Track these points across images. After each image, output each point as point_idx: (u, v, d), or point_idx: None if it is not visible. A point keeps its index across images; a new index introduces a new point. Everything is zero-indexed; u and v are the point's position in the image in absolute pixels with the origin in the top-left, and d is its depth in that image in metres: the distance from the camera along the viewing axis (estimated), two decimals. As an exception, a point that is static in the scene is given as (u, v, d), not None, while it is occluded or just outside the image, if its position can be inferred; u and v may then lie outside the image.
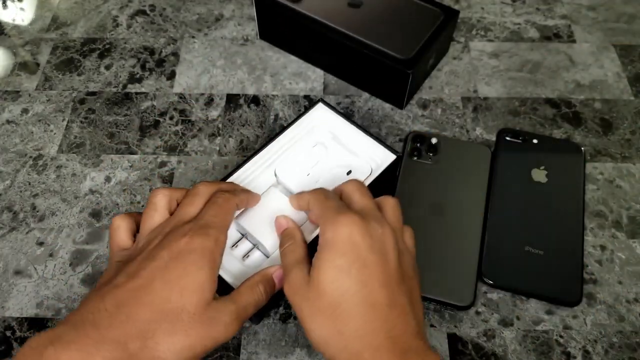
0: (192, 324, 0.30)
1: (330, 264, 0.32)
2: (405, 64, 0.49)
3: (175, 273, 0.31)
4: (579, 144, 0.49)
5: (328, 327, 0.31)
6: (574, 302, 0.41)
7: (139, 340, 0.29)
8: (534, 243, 0.43)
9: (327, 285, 0.31)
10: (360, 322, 0.31)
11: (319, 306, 0.31)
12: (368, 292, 0.31)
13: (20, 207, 0.48)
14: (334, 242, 0.32)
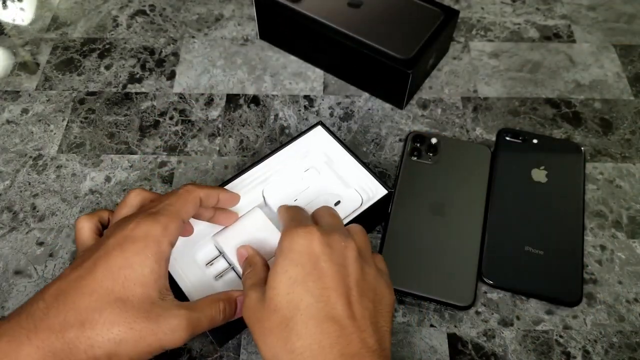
0: (136, 318, 0.29)
1: (284, 275, 0.30)
2: (405, 64, 0.49)
3: (117, 262, 0.30)
4: (579, 144, 0.49)
5: (279, 346, 0.29)
6: (574, 302, 0.41)
7: (77, 329, 0.28)
8: (534, 243, 0.43)
9: (279, 299, 0.30)
10: (312, 338, 0.28)
11: (270, 325, 0.29)
12: (323, 305, 0.29)
13: (20, 207, 0.48)
14: (289, 251, 0.31)
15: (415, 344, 0.40)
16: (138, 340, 0.29)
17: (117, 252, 0.30)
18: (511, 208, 0.45)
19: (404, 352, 0.40)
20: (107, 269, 0.30)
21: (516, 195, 0.46)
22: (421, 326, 0.41)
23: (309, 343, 0.28)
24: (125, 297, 0.29)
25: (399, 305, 0.42)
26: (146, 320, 0.29)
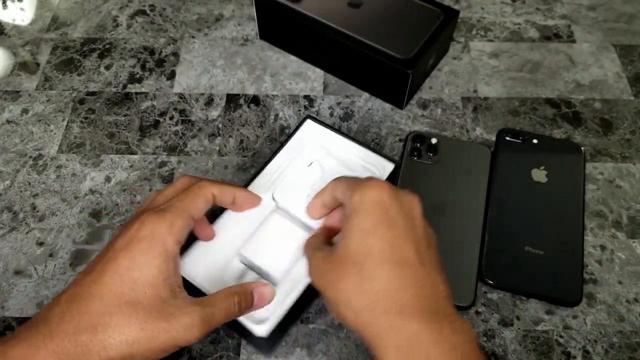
0: (148, 318, 0.29)
1: (357, 227, 0.31)
2: (405, 64, 0.49)
3: (124, 264, 0.30)
4: (578, 144, 0.49)
5: (352, 289, 0.30)
6: (574, 302, 0.41)
7: (89, 333, 0.28)
8: (534, 243, 0.43)
9: (353, 247, 0.31)
10: (387, 279, 0.29)
11: (342, 272, 0.30)
12: (396, 250, 0.30)
13: (20, 207, 0.48)
14: (361, 204, 0.32)
15: (415, 344, 0.40)
16: (150, 340, 0.29)
17: (124, 254, 0.30)
18: (511, 208, 0.45)
19: (404, 352, 0.40)
20: (115, 271, 0.30)
21: (516, 196, 0.46)
22: (421, 326, 0.41)
23: (384, 283, 0.29)
24: (136, 299, 0.29)
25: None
26: (158, 319, 0.29)
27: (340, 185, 0.36)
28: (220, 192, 0.36)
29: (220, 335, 0.41)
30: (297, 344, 0.40)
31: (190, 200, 0.33)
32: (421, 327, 0.28)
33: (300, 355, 0.40)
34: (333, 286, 0.31)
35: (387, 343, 0.28)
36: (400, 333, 0.28)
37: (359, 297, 0.29)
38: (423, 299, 0.29)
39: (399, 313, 0.28)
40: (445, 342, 0.28)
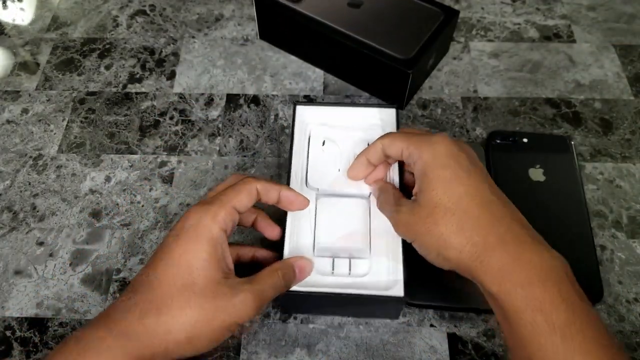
0: (205, 298, 0.31)
1: (439, 178, 0.34)
2: (405, 64, 0.49)
3: (177, 251, 0.33)
4: (566, 136, 0.49)
5: (449, 231, 0.32)
6: (598, 298, 0.41)
7: (154, 316, 0.31)
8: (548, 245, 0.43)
9: (439, 197, 0.33)
10: (479, 216, 0.32)
11: (435, 218, 0.33)
12: (479, 192, 0.33)
13: (20, 207, 0.48)
14: (434, 158, 0.34)
15: (415, 344, 0.40)
16: (211, 319, 0.31)
17: (176, 243, 0.33)
18: None
19: (404, 352, 0.40)
20: (170, 259, 0.32)
21: (520, 198, 0.45)
22: (421, 326, 0.41)
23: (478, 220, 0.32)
24: (192, 282, 0.32)
25: (399, 305, 0.42)
26: (215, 299, 0.32)
27: (397, 143, 0.37)
28: (264, 188, 0.37)
29: (220, 335, 0.41)
30: (297, 344, 0.40)
31: (234, 194, 0.35)
32: (520, 250, 0.31)
33: (300, 355, 0.40)
34: (429, 233, 0.33)
35: (489, 268, 0.31)
36: (502, 258, 0.31)
37: (458, 237, 0.32)
38: (517, 228, 0.32)
39: (498, 243, 0.31)
40: (544, 265, 0.31)
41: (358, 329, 0.41)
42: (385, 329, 0.41)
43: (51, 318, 0.42)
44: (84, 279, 0.44)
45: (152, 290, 0.32)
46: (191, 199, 0.48)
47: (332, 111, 0.46)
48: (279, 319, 0.42)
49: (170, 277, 0.32)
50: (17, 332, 0.41)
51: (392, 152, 0.38)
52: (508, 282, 0.30)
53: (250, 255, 0.41)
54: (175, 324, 0.31)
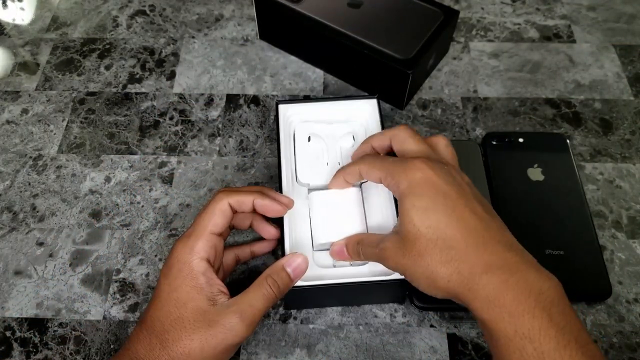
0: (194, 330, 0.34)
1: (414, 210, 0.33)
2: (405, 64, 0.49)
3: (166, 289, 0.35)
4: (561, 133, 0.50)
5: (433, 262, 0.32)
6: (606, 294, 0.41)
7: (160, 349, 0.34)
8: (552, 244, 0.43)
9: (418, 229, 0.33)
10: (463, 245, 0.32)
11: (418, 251, 0.32)
12: (460, 218, 0.32)
13: (20, 207, 0.48)
14: (411, 187, 0.34)
15: (415, 344, 0.40)
16: (202, 347, 0.33)
17: (164, 280, 0.36)
18: (519, 214, 0.45)
19: (404, 353, 0.40)
20: (161, 297, 0.35)
21: (520, 200, 0.46)
22: (421, 326, 0.41)
23: (462, 249, 0.32)
24: (181, 316, 0.34)
25: (398, 306, 0.42)
26: (202, 329, 0.34)
27: (375, 171, 0.37)
28: (236, 201, 0.38)
29: (220, 336, 0.41)
30: (297, 344, 0.40)
31: (208, 219, 0.37)
32: (507, 274, 0.31)
33: (300, 355, 0.40)
34: (416, 264, 0.33)
35: (478, 295, 0.31)
36: (488, 285, 0.30)
37: (444, 267, 0.32)
38: (503, 251, 0.32)
39: (484, 270, 0.31)
40: (532, 288, 0.30)
41: (358, 330, 0.41)
42: (385, 329, 0.41)
43: (51, 318, 0.42)
44: (83, 279, 0.44)
45: (154, 326, 0.34)
46: (191, 199, 0.48)
47: (314, 107, 0.47)
48: (278, 320, 0.42)
49: (164, 313, 0.34)
50: (17, 332, 0.41)
51: (371, 178, 0.38)
52: (496, 308, 0.30)
53: (248, 253, 0.43)
54: (174, 355, 0.33)
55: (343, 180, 0.40)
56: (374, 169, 0.37)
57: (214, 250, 0.37)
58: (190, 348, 0.33)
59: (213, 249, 0.37)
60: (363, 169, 0.38)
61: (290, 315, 0.42)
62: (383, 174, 0.36)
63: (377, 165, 0.37)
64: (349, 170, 0.39)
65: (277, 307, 0.42)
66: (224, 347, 0.34)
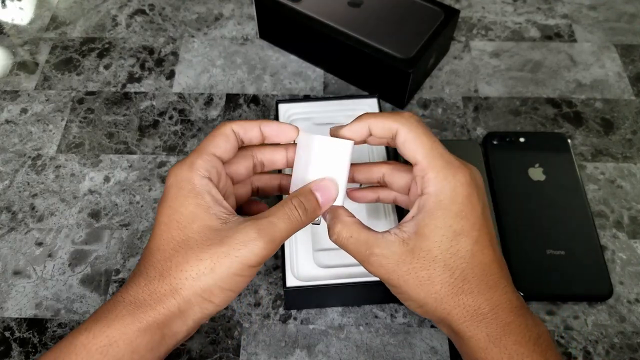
0: (202, 249, 0.30)
1: (449, 230, 0.30)
2: (405, 64, 0.49)
3: (166, 213, 0.31)
4: (562, 133, 0.49)
5: (442, 290, 0.30)
6: (607, 294, 0.41)
7: (157, 280, 0.30)
8: (553, 244, 0.43)
9: (441, 251, 0.30)
10: (477, 279, 0.30)
11: (430, 273, 0.30)
12: (484, 253, 0.31)
13: (19, 207, 0.47)
14: (452, 203, 0.30)
15: (416, 345, 0.40)
16: (213, 267, 0.29)
17: (162, 205, 0.32)
18: (521, 214, 0.45)
19: (404, 353, 0.40)
20: (161, 223, 0.31)
21: (522, 200, 0.46)
22: (422, 327, 0.41)
23: (475, 287, 0.30)
24: (186, 237, 0.30)
25: (399, 306, 0.42)
26: (212, 246, 0.29)
27: (420, 148, 0.32)
28: (240, 127, 0.34)
29: (220, 336, 0.41)
30: (297, 344, 0.40)
31: (208, 141, 0.33)
32: (510, 317, 0.30)
33: (300, 355, 0.40)
34: (420, 286, 0.30)
35: (477, 333, 0.30)
36: (491, 326, 0.30)
37: (452, 298, 0.30)
38: (509, 293, 0.31)
39: (490, 309, 0.30)
40: (531, 332, 0.30)
41: (358, 330, 0.41)
42: (385, 329, 0.41)
43: (50, 319, 0.42)
44: (83, 279, 0.44)
45: (153, 256, 0.31)
46: (191, 199, 0.48)
47: (314, 106, 0.47)
48: (278, 320, 0.41)
49: (165, 239, 0.31)
50: (16, 332, 0.41)
51: (406, 153, 0.32)
52: (496, 349, 0.29)
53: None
54: (179, 283, 0.29)
55: (367, 129, 0.34)
56: (419, 146, 0.32)
57: (216, 171, 0.33)
58: (198, 270, 0.29)
59: (214, 170, 0.32)
60: (406, 136, 0.32)
61: (290, 315, 0.42)
62: (426, 163, 0.31)
63: (427, 147, 0.32)
64: (380, 119, 0.33)
65: (277, 307, 0.42)
66: (238, 266, 0.29)
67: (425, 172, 0.32)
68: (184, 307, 0.30)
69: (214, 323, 0.41)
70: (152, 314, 0.29)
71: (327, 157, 0.34)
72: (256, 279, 0.43)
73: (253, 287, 0.43)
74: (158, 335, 0.29)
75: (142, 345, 0.29)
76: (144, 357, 0.29)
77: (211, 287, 0.30)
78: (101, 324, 0.29)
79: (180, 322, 0.30)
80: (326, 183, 0.33)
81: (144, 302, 0.29)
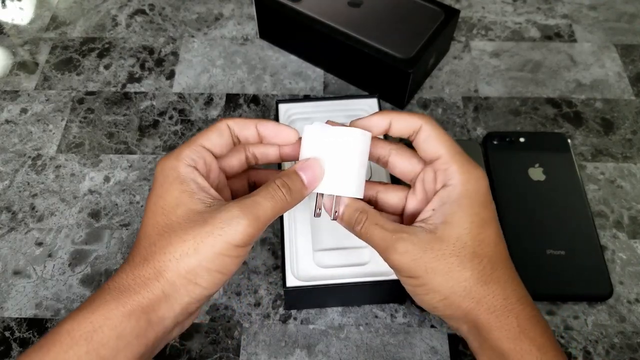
0: (186, 230, 0.29)
1: (477, 218, 0.31)
2: (405, 64, 0.49)
3: (152, 201, 0.31)
4: (562, 133, 0.49)
5: (473, 276, 0.30)
6: (607, 294, 0.41)
7: (142, 265, 0.30)
8: (553, 245, 0.43)
9: (470, 238, 0.30)
10: (503, 267, 0.31)
11: (461, 259, 0.30)
12: (502, 240, 0.32)
13: (19, 207, 0.47)
14: (477, 193, 0.31)
15: (416, 345, 0.40)
16: (197, 247, 0.29)
17: (149, 195, 0.32)
18: (521, 214, 0.45)
19: (405, 353, 0.40)
20: (148, 210, 0.31)
21: (522, 200, 0.46)
22: (422, 327, 0.41)
23: (503, 274, 0.31)
24: (170, 221, 0.30)
25: (399, 306, 0.42)
26: (195, 227, 0.29)
27: (440, 143, 0.33)
28: (236, 124, 0.34)
29: (220, 336, 0.41)
30: (297, 344, 0.40)
31: (200, 134, 0.33)
32: (534, 312, 0.31)
33: (300, 355, 0.40)
34: (449, 273, 0.30)
35: (506, 324, 0.30)
36: (521, 316, 0.30)
37: (482, 287, 0.30)
38: (525, 289, 0.32)
39: (518, 300, 0.30)
40: (546, 325, 0.31)
41: (358, 330, 0.41)
42: (385, 329, 0.41)
43: (50, 319, 0.42)
44: (83, 279, 0.44)
45: (139, 245, 0.31)
46: (191, 199, 0.48)
47: (314, 106, 0.47)
48: (278, 320, 0.41)
49: (150, 225, 0.30)
50: (16, 332, 0.41)
51: (428, 149, 0.33)
52: (527, 340, 0.30)
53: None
54: (162, 266, 0.29)
55: (388, 120, 0.34)
56: (442, 142, 0.32)
57: (204, 162, 0.33)
58: (182, 251, 0.29)
59: (201, 161, 0.32)
60: (428, 133, 0.33)
61: (290, 315, 0.42)
62: (449, 157, 0.32)
63: (448, 143, 0.33)
64: (404, 118, 0.33)
65: (277, 307, 0.42)
66: (223, 245, 0.29)
67: (449, 164, 0.32)
68: (168, 290, 0.29)
69: (214, 323, 0.41)
70: (136, 298, 0.29)
71: (343, 148, 0.32)
72: (256, 279, 0.43)
73: (253, 287, 0.43)
74: (143, 320, 0.29)
75: (127, 330, 0.28)
76: (130, 343, 0.28)
77: (195, 268, 0.29)
78: (85, 311, 0.29)
79: (166, 306, 0.29)
80: (311, 162, 0.32)
81: (128, 287, 0.29)
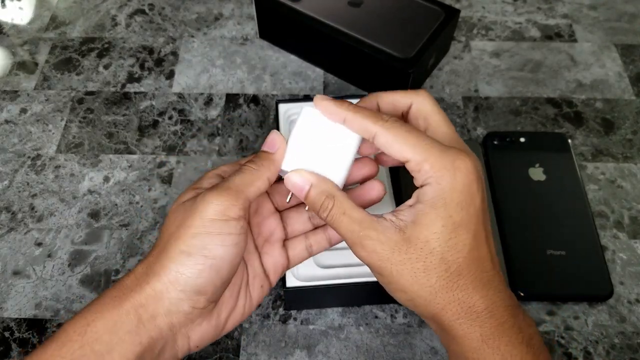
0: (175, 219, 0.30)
1: (449, 221, 0.28)
2: (405, 64, 0.49)
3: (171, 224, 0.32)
4: (562, 133, 0.49)
5: (438, 284, 0.29)
6: (608, 294, 0.41)
7: (141, 266, 0.30)
8: (554, 245, 0.43)
9: (439, 243, 0.28)
10: (472, 274, 0.29)
11: (426, 265, 0.29)
12: (479, 247, 0.29)
13: (19, 207, 0.47)
14: (452, 191, 0.29)
15: (416, 345, 0.40)
16: (178, 235, 0.29)
17: None
18: (521, 214, 0.45)
19: (405, 354, 0.40)
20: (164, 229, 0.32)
21: (522, 200, 0.46)
22: (422, 327, 0.41)
23: (469, 278, 0.29)
24: (177, 229, 0.30)
25: (399, 306, 0.42)
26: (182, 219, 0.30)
27: (405, 146, 0.29)
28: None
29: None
30: (297, 345, 0.40)
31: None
32: (504, 319, 0.29)
33: (301, 356, 0.40)
34: (413, 277, 0.29)
35: (469, 332, 0.29)
36: (485, 325, 0.29)
37: (447, 294, 0.29)
38: (503, 291, 0.30)
39: (485, 307, 0.29)
40: (524, 334, 0.29)
41: (358, 330, 0.41)
42: (385, 330, 0.41)
43: (50, 319, 0.42)
44: (82, 279, 0.44)
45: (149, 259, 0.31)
46: (190, 199, 0.48)
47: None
48: (278, 320, 0.41)
49: (163, 238, 0.31)
50: (15, 333, 0.41)
51: (392, 152, 0.30)
52: (489, 350, 0.29)
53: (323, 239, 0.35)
54: (158, 266, 0.29)
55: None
56: (404, 144, 0.29)
57: None
58: (169, 234, 0.30)
59: None
60: (386, 138, 0.30)
61: (290, 316, 0.42)
62: (418, 157, 0.29)
63: (411, 142, 0.29)
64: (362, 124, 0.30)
65: (277, 307, 0.42)
66: (197, 222, 0.29)
67: (421, 164, 0.30)
68: (158, 287, 0.29)
69: (213, 323, 0.41)
70: (130, 295, 0.29)
71: (333, 143, 0.32)
72: (256, 279, 0.43)
73: (253, 287, 0.43)
74: (133, 314, 0.29)
75: (117, 324, 0.28)
76: (122, 338, 0.28)
77: (176, 256, 0.29)
78: (83, 310, 0.30)
79: (154, 302, 0.29)
80: (271, 136, 0.32)
81: (125, 286, 0.30)
